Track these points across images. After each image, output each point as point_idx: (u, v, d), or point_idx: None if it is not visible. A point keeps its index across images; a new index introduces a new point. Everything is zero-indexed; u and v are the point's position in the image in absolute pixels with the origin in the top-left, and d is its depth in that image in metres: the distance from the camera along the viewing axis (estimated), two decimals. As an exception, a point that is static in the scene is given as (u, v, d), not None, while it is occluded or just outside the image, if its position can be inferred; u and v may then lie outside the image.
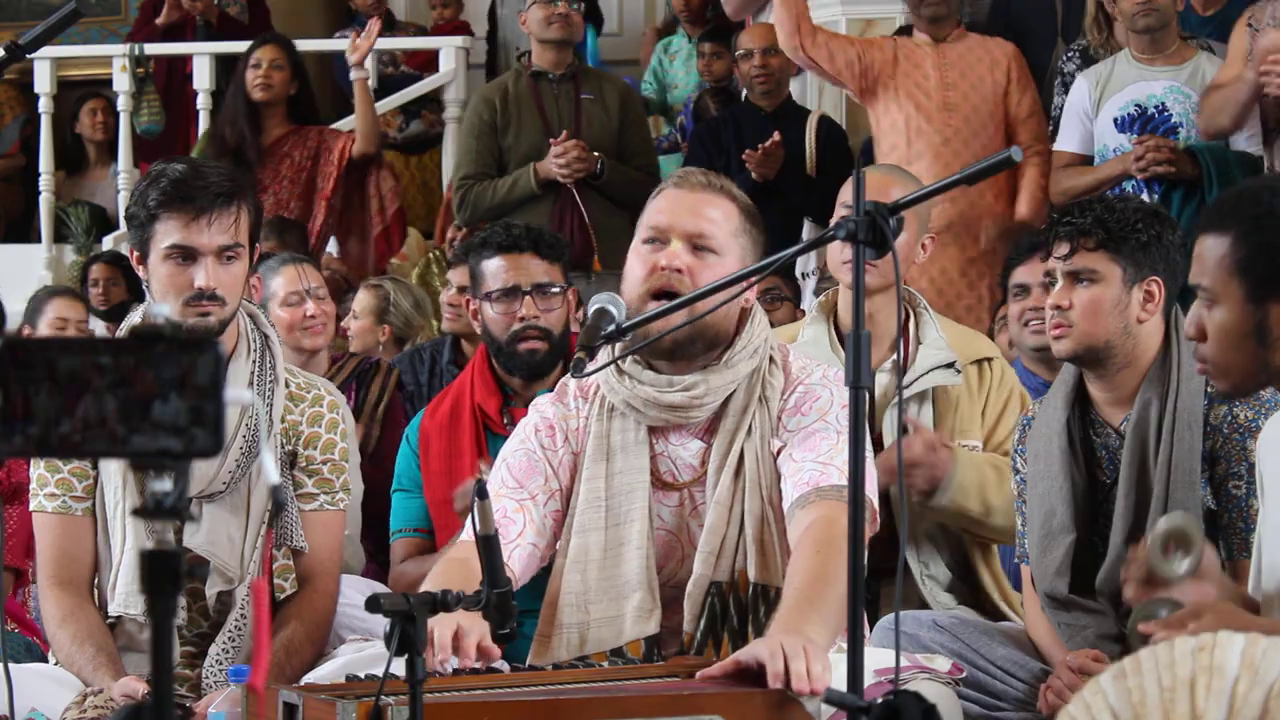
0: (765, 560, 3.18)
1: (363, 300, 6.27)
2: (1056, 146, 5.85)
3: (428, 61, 9.10)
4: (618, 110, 6.55)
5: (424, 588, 2.99)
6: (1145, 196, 5.47)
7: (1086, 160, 5.75)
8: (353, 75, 7.13)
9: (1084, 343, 3.49)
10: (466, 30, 9.49)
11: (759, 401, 3.25)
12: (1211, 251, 2.87)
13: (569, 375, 3.16)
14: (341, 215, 7.05)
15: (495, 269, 4.14)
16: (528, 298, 4.10)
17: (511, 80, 6.63)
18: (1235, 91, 4.95)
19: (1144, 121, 5.64)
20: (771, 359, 3.30)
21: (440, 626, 2.81)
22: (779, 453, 3.21)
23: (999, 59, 5.93)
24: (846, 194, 4.09)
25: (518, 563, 3.19)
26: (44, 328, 6.17)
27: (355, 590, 3.69)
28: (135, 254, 3.48)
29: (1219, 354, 2.88)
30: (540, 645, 3.26)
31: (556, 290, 4.12)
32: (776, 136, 6.43)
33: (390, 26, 9.43)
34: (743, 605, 3.18)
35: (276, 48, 6.99)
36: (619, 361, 3.25)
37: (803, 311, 5.88)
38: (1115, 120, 5.65)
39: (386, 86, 8.87)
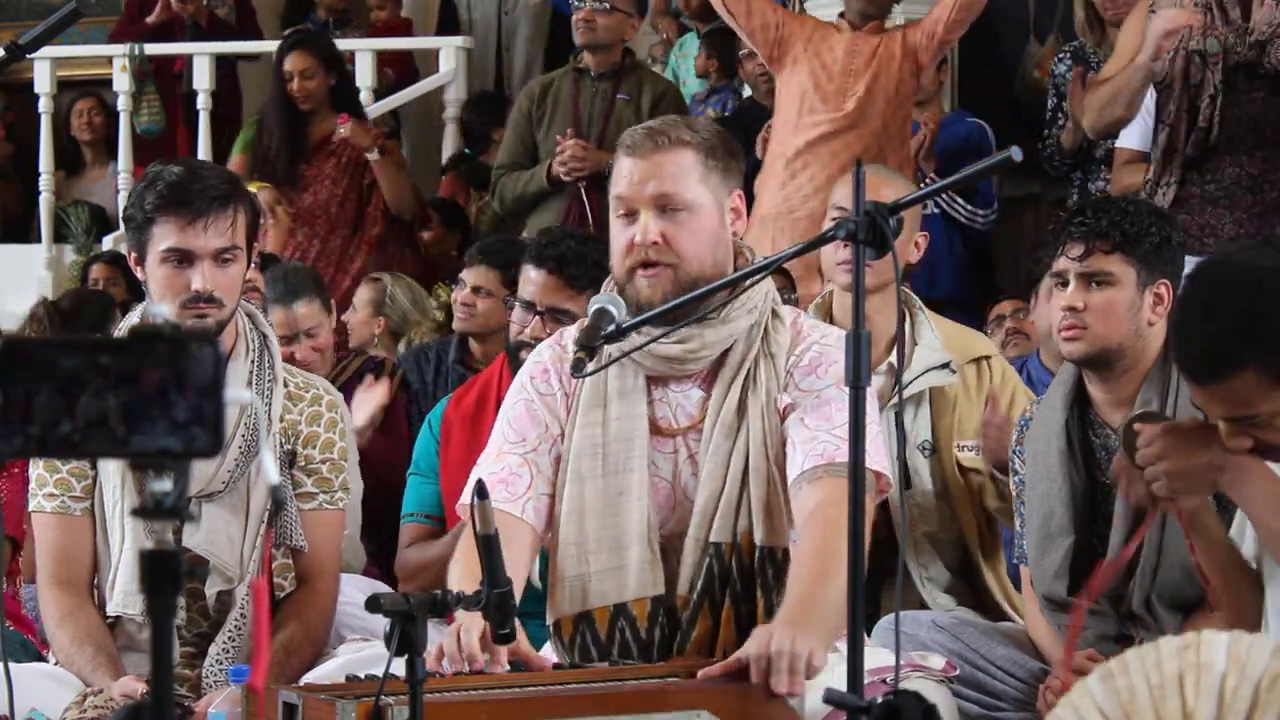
0: (772, 522, 3.13)
1: (361, 294, 6.28)
2: (1117, 144, 5.80)
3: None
4: (649, 111, 6.53)
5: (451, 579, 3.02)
6: None
7: (1146, 157, 5.72)
8: (371, 158, 6.89)
9: (1098, 345, 3.49)
10: (408, 28, 9.47)
11: (766, 356, 3.20)
12: (1240, 390, 2.76)
13: (568, 333, 3.15)
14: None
15: (525, 277, 4.14)
16: (538, 318, 4.08)
17: (560, 75, 6.69)
18: (1128, 79, 4.82)
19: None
20: (775, 313, 3.24)
21: (470, 634, 2.82)
22: (787, 411, 3.16)
23: (901, 42, 5.84)
24: (837, 196, 4.10)
25: (532, 514, 3.18)
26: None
27: (355, 589, 3.68)
28: (133, 255, 3.48)
29: None
30: (549, 598, 3.24)
31: (566, 320, 4.02)
32: None
33: (344, 24, 9.41)
34: (747, 568, 3.13)
35: (303, 55, 6.84)
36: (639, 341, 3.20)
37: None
38: None
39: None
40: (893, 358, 3.92)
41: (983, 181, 6.22)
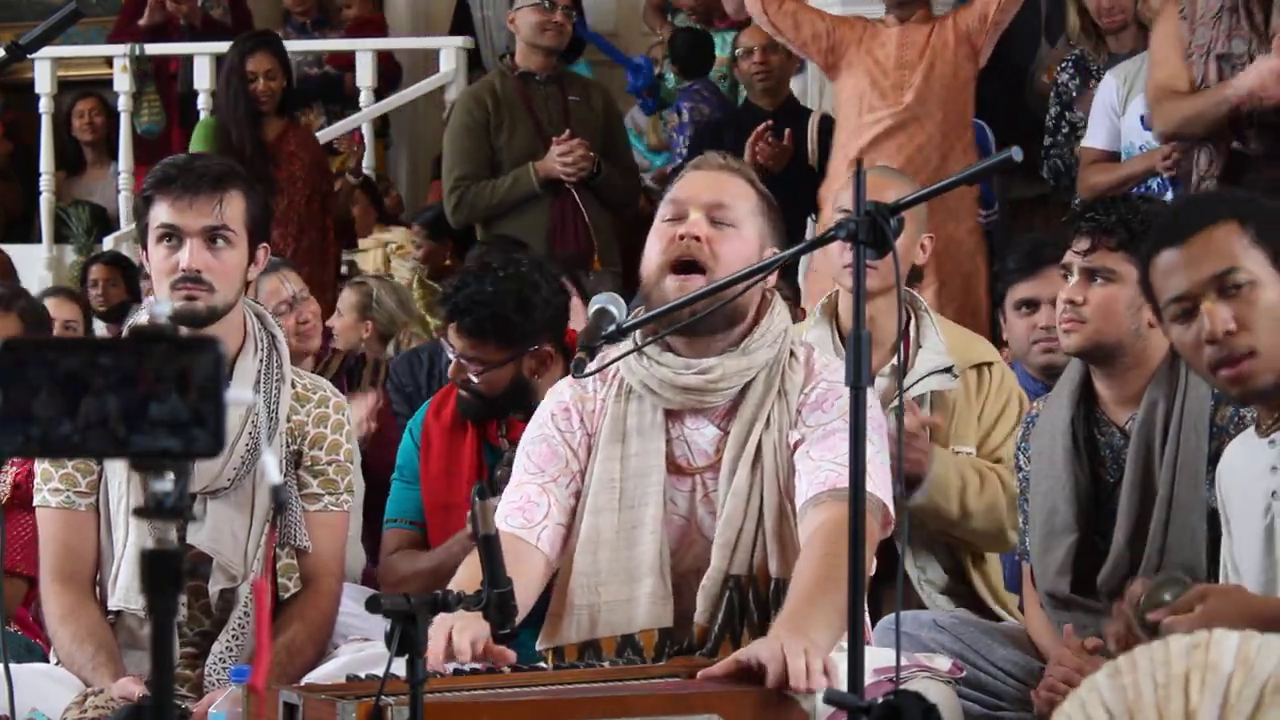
0: (785, 554, 3.19)
1: (346, 298, 6.29)
2: (1084, 143, 5.81)
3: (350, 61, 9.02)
4: (603, 113, 6.62)
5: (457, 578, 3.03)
6: (1169, 194, 5.45)
7: (1114, 157, 5.72)
8: (354, 181, 7.11)
9: (1094, 340, 3.49)
10: (382, 26, 9.43)
11: (779, 395, 3.26)
12: (1222, 240, 2.86)
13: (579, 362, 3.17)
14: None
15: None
16: (455, 363, 4.11)
17: (498, 80, 6.65)
18: (1214, 108, 4.78)
19: (1170, 119, 5.60)
20: (793, 353, 3.30)
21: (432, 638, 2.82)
22: (796, 446, 3.21)
23: (953, 27, 5.83)
24: (841, 198, 4.09)
25: (546, 543, 3.22)
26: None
27: (349, 598, 3.67)
28: (143, 250, 3.51)
29: (1275, 336, 2.86)
30: (551, 625, 3.27)
31: (477, 367, 4.03)
32: (789, 133, 6.44)
33: (323, 25, 9.39)
34: (763, 600, 3.19)
35: (268, 56, 6.91)
36: (639, 343, 3.24)
37: (804, 311, 5.87)
38: (1142, 118, 5.60)
39: (306, 87, 8.80)
40: (895, 359, 3.92)
41: (983, 182, 6.22)
